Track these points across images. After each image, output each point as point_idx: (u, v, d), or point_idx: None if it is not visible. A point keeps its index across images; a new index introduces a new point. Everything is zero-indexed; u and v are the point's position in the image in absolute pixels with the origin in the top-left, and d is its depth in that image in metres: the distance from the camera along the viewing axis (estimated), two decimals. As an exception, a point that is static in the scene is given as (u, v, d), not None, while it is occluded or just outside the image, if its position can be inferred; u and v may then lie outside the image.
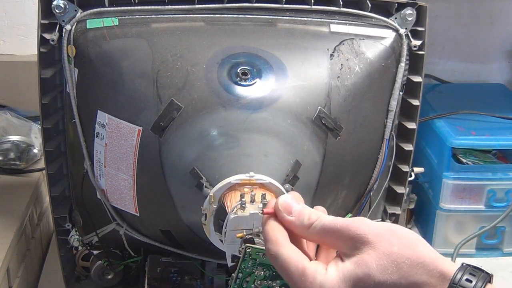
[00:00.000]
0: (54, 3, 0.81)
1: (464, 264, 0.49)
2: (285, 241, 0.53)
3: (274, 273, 0.60)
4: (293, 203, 0.55)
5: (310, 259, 0.53)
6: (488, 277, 0.49)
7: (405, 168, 0.95)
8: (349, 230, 0.51)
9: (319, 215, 0.53)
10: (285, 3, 0.86)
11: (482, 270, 0.49)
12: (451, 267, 0.49)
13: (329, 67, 0.82)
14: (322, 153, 0.81)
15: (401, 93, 0.90)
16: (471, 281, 0.48)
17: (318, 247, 0.58)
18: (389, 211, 0.98)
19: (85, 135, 0.84)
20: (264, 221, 0.55)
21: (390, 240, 0.49)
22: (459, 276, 0.48)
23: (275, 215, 0.55)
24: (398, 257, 0.48)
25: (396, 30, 0.87)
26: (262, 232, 0.55)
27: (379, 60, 0.85)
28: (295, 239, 0.54)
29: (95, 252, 0.97)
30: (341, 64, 0.82)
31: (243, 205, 0.65)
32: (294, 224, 0.54)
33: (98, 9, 0.83)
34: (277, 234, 0.53)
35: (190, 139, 0.78)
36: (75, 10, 0.82)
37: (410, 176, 0.97)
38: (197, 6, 0.84)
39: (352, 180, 0.87)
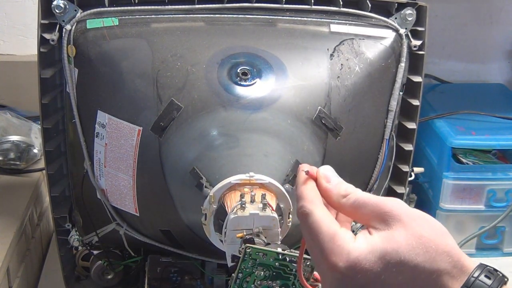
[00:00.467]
0: (54, 3, 0.81)
1: (481, 264, 0.50)
2: (320, 202, 0.53)
3: (274, 273, 0.60)
4: (333, 174, 0.56)
5: None
6: (504, 280, 0.50)
7: (405, 168, 0.95)
8: (384, 206, 0.51)
9: (356, 189, 0.54)
10: (285, 3, 0.86)
11: (499, 272, 0.50)
12: (471, 263, 0.50)
13: (329, 67, 0.82)
14: (322, 153, 0.81)
15: (401, 93, 0.90)
16: (490, 278, 0.49)
17: None
18: (389, 211, 0.98)
19: (85, 135, 0.84)
20: (303, 181, 0.55)
21: (421, 224, 0.50)
22: (478, 272, 0.49)
23: (314, 179, 0.55)
24: (427, 241, 0.49)
25: (396, 30, 0.87)
26: (297, 190, 0.55)
27: (379, 60, 0.85)
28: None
29: (95, 252, 0.98)
30: (341, 64, 0.82)
31: (243, 205, 0.65)
32: (331, 192, 0.54)
33: (98, 9, 0.83)
34: (314, 194, 0.54)
35: (190, 139, 0.78)
36: (75, 10, 0.82)
37: (410, 176, 0.97)
38: (197, 6, 0.84)
39: (352, 180, 0.86)
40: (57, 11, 0.81)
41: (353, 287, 0.50)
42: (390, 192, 0.98)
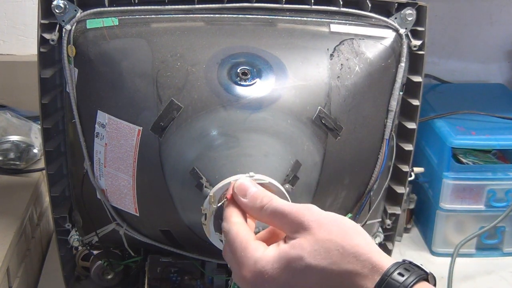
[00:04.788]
0: (54, 3, 0.81)
1: (404, 260, 0.51)
2: (237, 219, 0.57)
3: (274, 273, 0.60)
4: (250, 186, 0.59)
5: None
6: (425, 275, 0.50)
7: (405, 168, 0.95)
8: (295, 215, 0.54)
9: (271, 198, 0.57)
10: (285, 3, 0.86)
11: (420, 268, 0.51)
12: (386, 260, 0.51)
13: (329, 67, 0.82)
14: (322, 153, 0.81)
15: (401, 93, 0.90)
16: (403, 275, 0.49)
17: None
18: (389, 211, 0.98)
19: (85, 135, 0.84)
20: (226, 205, 0.59)
21: (330, 229, 0.52)
22: (392, 269, 0.50)
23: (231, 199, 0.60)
24: (332, 245, 0.51)
25: (396, 30, 0.87)
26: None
27: (379, 60, 0.85)
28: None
29: (95, 252, 0.98)
30: (341, 64, 0.82)
31: (243, 205, 0.65)
32: (247, 206, 0.58)
33: (98, 9, 0.83)
34: (232, 213, 0.58)
35: (190, 139, 0.78)
36: (75, 10, 0.82)
37: (410, 176, 0.97)
38: (197, 6, 0.84)
39: (352, 180, 0.87)
40: (57, 11, 0.81)
41: None
42: (390, 192, 0.98)
